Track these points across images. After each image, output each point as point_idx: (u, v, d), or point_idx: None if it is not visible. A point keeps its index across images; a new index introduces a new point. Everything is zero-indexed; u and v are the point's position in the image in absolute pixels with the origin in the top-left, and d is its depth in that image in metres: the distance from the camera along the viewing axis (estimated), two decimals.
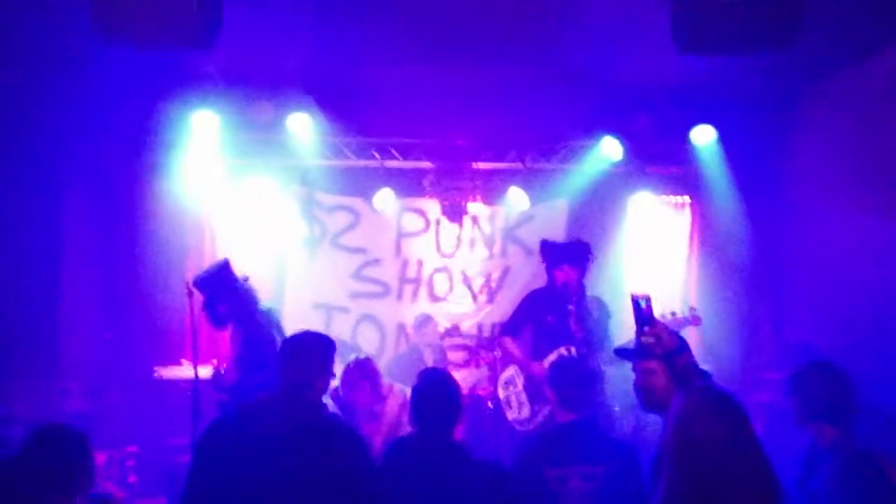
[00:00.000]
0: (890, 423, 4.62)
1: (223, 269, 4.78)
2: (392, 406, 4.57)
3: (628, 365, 3.13)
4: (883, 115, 5.19)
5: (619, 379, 4.71)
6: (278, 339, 4.52)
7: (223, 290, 4.69)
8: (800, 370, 3.33)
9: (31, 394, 5.38)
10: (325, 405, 3.08)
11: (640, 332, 2.96)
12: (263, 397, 3.03)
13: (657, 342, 2.93)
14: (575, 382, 3.47)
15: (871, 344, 5.05)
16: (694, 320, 4.95)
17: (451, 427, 3.08)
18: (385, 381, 4.71)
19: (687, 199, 7.22)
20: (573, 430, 3.35)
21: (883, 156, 5.18)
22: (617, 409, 5.15)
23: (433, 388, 3.13)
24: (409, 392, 3.46)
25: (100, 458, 4.81)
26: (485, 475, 2.99)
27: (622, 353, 3.20)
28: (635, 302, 2.97)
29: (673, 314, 4.98)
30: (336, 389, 4.49)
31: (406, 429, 3.99)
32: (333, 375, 3.12)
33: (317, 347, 3.05)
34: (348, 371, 4.51)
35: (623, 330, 4.53)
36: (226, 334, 4.78)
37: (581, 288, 5.18)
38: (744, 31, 3.79)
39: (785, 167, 6.44)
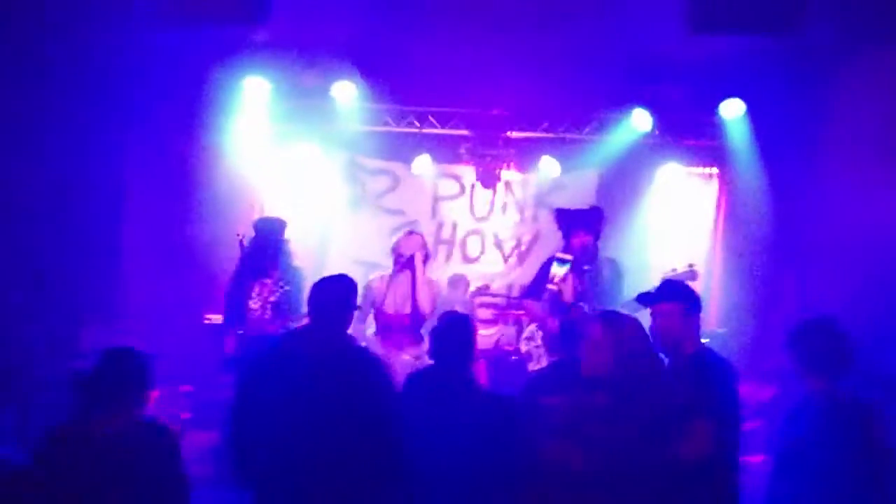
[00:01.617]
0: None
1: (284, 226, 5.42)
2: None
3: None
4: None
5: None
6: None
7: (278, 243, 5.26)
8: (796, 326, 3.59)
9: (95, 339, 5.89)
10: (351, 336, 3.50)
11: None
12: (296, 331, 3.48)
13: None
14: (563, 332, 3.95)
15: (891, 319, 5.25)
16: (691, 275, 5.24)
17: (466, 361, 3.48)
18: None
19: (715, 170, 7.44)
20: (559, 367, 3.79)
21: None
22: None
23: (451, 326, 3.53)
24: None
25: (155, 394, 5.33)
26: (493, 404, 3.40)
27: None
28: None
29: (673, 270, 5.29)
30: None
31: None
32: (357, 308, 3.56)
33: (340, 287, 3.48)
34: None
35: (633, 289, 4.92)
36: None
37: (596, 250, 5.50)
38: (752, 14, 4.07)
39: (814, 141, 6.59)
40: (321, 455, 3.16)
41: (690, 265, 5.36)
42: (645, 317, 3.60)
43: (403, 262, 5.44)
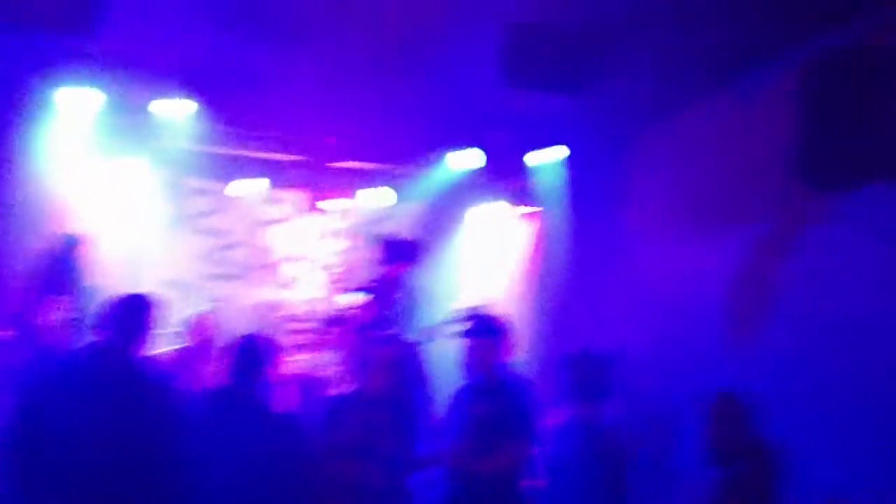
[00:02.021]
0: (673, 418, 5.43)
1: (80, 243, 5.20)
2: None
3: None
4: (697, 160, 6.02)
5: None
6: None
7: (73, 260, 5.11)
8: (563, 357, 4.04)
9: None
10: (145, 355, 3.50)
11: None
12: (83, 348, 3.45)
13: None
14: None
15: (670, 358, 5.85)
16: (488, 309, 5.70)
17: (256, 381, 3.61)
18: None
19: (530, 210, 7.90)
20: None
21: (695, 193, 6.01)
22: None
23: (246, 347, 3.63)
24: None
25: None
26: (278, 422, 3.55)
27: None
28: None
29: (473, 306, 5.72)
30: None
31: None
32: (151, 329, 3.56)
33: (133, 305, 3.48)
34: None
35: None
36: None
37: (408, 280, 5.78)
38: (560, 75, 4.58)
39: (624, 192, 7.22)
40: (105, 472, 3.14)
41: (486, 301, 5.80)
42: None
43: (197, 348, 5.46)
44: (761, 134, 4.98)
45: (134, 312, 3.44)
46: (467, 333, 4.02)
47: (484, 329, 4.03)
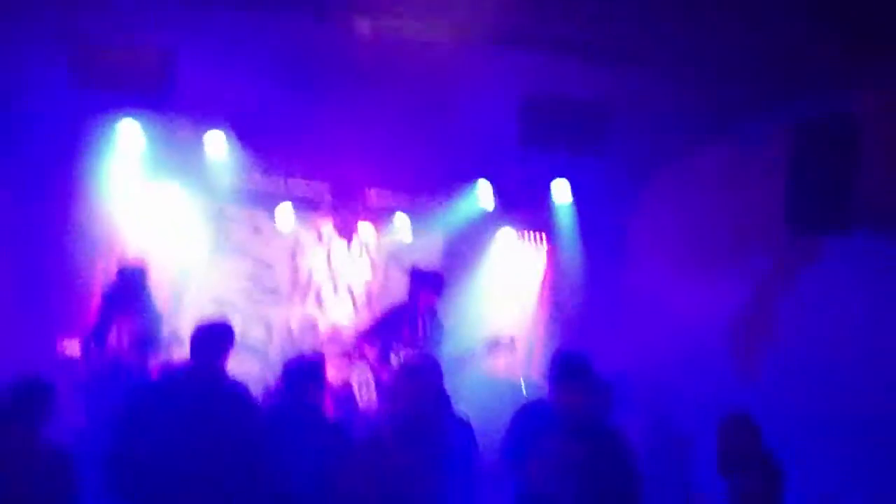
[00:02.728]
0: None
1: (146, 269, 5.98)
2: None
3: None
4: (704, 203, 6.57)
5: None
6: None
7: (140, 285, 5.76)
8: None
9: None
10: (226, 375, 4.03)
11: None
12: (181, 368, 3.98)
13: None
14: None
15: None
16: (511, 346, 6.51)
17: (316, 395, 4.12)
18: None
19: (544, 238, 8.42)
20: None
21: (701, 234, 6.56)
22: None
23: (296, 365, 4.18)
24: None
25: None
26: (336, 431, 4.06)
27: None
28: None
29: (496, 339, 6.46)
30: None
31: None
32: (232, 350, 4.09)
33: (223, 329, 4.04)
34: None
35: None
36: None
37: (434, 310, 6.35)
38: (565, 137, 5.24)
39: (630, 226, 7.77)
40: (198, 484, 3.64)
41: (511, 337, 6.52)
42: None
43: None
44: (757, 179, 5.57)
45: (219, 336, 3.99)
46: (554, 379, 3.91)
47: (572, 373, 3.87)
